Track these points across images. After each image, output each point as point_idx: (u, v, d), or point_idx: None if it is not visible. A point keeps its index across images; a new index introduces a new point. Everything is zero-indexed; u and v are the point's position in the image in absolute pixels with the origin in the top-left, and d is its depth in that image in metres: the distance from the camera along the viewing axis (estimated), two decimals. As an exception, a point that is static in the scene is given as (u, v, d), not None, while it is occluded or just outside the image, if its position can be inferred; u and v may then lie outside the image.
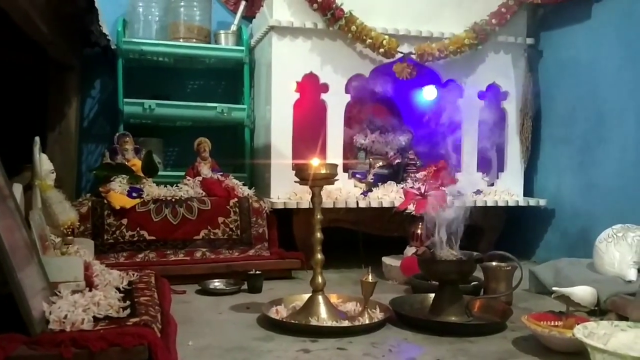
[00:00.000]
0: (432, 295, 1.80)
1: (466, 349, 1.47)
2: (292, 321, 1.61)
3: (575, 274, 2.00)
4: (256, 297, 2.01)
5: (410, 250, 2.32)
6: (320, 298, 1.67)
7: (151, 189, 2.31)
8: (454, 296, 1.69)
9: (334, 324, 1.60)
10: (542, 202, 2.69)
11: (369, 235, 2.56)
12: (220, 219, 2.32)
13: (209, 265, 2.20)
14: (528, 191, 2.80)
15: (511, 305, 1.88)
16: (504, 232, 2.74)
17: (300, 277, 2.30)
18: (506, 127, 2.76)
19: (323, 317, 1.63)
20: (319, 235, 1.68)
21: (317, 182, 1.67)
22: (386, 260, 2.36)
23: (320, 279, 1.68)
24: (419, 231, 2.32)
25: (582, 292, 1.76)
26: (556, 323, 1.55)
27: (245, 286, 2.09)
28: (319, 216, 1.68)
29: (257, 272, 2.09)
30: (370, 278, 1.66)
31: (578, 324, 1.52)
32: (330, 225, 2.34)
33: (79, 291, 1.52)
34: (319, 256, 1.68)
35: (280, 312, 1.71)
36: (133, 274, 1.89)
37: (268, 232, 2.39)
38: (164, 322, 1.49)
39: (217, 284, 2.10)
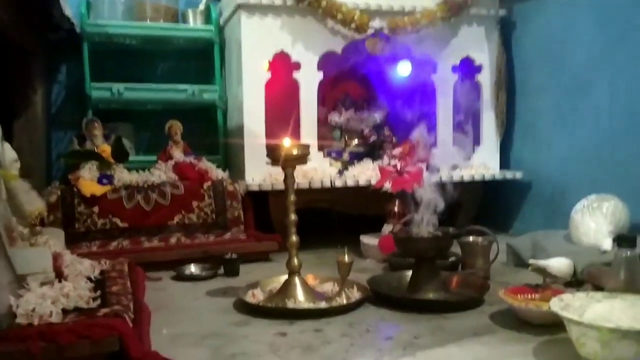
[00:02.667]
0: (410, 272, 1.80)
1: (443, 326, 1.46)
2: (269, 305, 1.59)
3: (551, 245, 2.00)
4: (233, 281, 1.98)
5: (387, 229, 2.30)
6: (296, 280, 1.65)
7: (122, 175, 2.26)
8: (431, 273, 1.68)
9: (311, 305, 1.58)
10: (519, 175, 2.69)
11: (346, 214, 2.55)
12: (195, 203, 2.29)
13: (185, 251, 2.17)
14: (504, 164, 2.80)
15: (489, 279, 1.88)
16: (482, 206, 2.74)
17: (278, 260, 2.28)
18: (481, 100, 2.75)
19: (300, 299, 1.61)
20: (293, 217, 1.65)
21: (289, 163, 1.64)
22: (364, 239, 2.35)
23: (296, 261, 1.66)
24: (395, 209, 2.31)
25: (559, 264, 1.77)
26: (533, 296, 1.55)
27: (221, 270, 2.06)
28: (292, 197, 1.65)
29: (234, 256, 2.06)
30: (346, 258, 1.64)
31: (555, 296, 1.52)
32: (306, 206, 2.32)
33: (48, 283, 1.48)
34: (294, 238, 1.66)
35: (256, 296, 1.69)
36: (105, 263, 1.86)
37: (244, 215, 2.36)
38: (136, 310, 1.46)
39: (193, 269, 2.07)
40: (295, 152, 1.63)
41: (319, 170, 2.45)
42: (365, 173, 2.49)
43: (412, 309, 1.58)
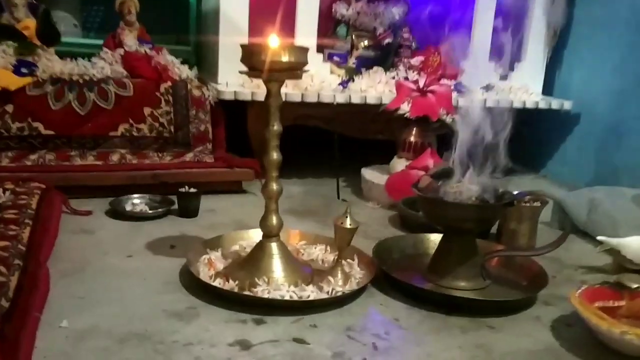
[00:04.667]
0: (429, 236, 1.31)
1: (489, 347, 0.97)
2: (230, 289, 1.07)
3: (619, 211, 1.50)
4: (188, 224, 1.47)
5: (398, 163, 1.78)
6: (273, 247, 1.14)
7: (50, 64, 1.67)
8: (466, 252, 1.17)
9: (292, 290, 1.07)
10: (567, 105, 2.13)
11: (346, 137, 2.01)
12: (147, 110, 1.71)
13: (129, 174, 1.63)
14: (547, 89, 2.23)
15: (533, 252, 1.38)
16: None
17: (254, 191, 1.76)
18: (531, 1, 2.13)
19: (276, 277, 1.10)
20: (275, 156, 1.11)
21: (274, 75, 1.06)
22: (366, 173, 1.83)
23: (274, 220, 1.14)
24: (412, 139, 1.77)
25: (638, 245, 1.28)
26: (615, 303, 1.06)
27: (176, 206, 1.54)
28: (275, 127, 1.10)
29: (192, 190, 1.53)
30: (348, 222, 1.12)
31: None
32: (296, 123, 1.79)
33: None
34: (274, 187, 1.12)
35: (214, 264, 1.17)
36: (6, 191, 1.32)
37: (212, 130, 1.80)
38: (23, 287, 0.95)
39: (136, 201, 1.55)
40: (285, 58, 1.05)
41: (317, 79, 1.87)
42: (375, 87, 1.92)
43: (437, 304, 1.09)
